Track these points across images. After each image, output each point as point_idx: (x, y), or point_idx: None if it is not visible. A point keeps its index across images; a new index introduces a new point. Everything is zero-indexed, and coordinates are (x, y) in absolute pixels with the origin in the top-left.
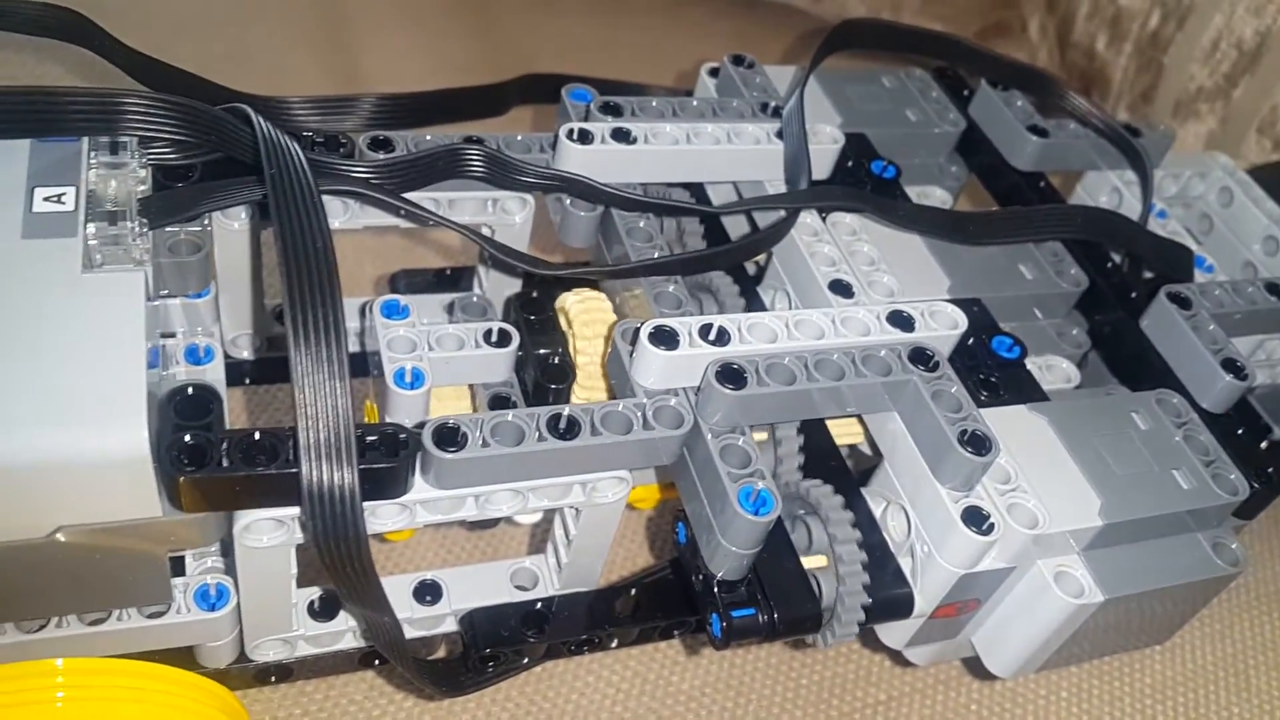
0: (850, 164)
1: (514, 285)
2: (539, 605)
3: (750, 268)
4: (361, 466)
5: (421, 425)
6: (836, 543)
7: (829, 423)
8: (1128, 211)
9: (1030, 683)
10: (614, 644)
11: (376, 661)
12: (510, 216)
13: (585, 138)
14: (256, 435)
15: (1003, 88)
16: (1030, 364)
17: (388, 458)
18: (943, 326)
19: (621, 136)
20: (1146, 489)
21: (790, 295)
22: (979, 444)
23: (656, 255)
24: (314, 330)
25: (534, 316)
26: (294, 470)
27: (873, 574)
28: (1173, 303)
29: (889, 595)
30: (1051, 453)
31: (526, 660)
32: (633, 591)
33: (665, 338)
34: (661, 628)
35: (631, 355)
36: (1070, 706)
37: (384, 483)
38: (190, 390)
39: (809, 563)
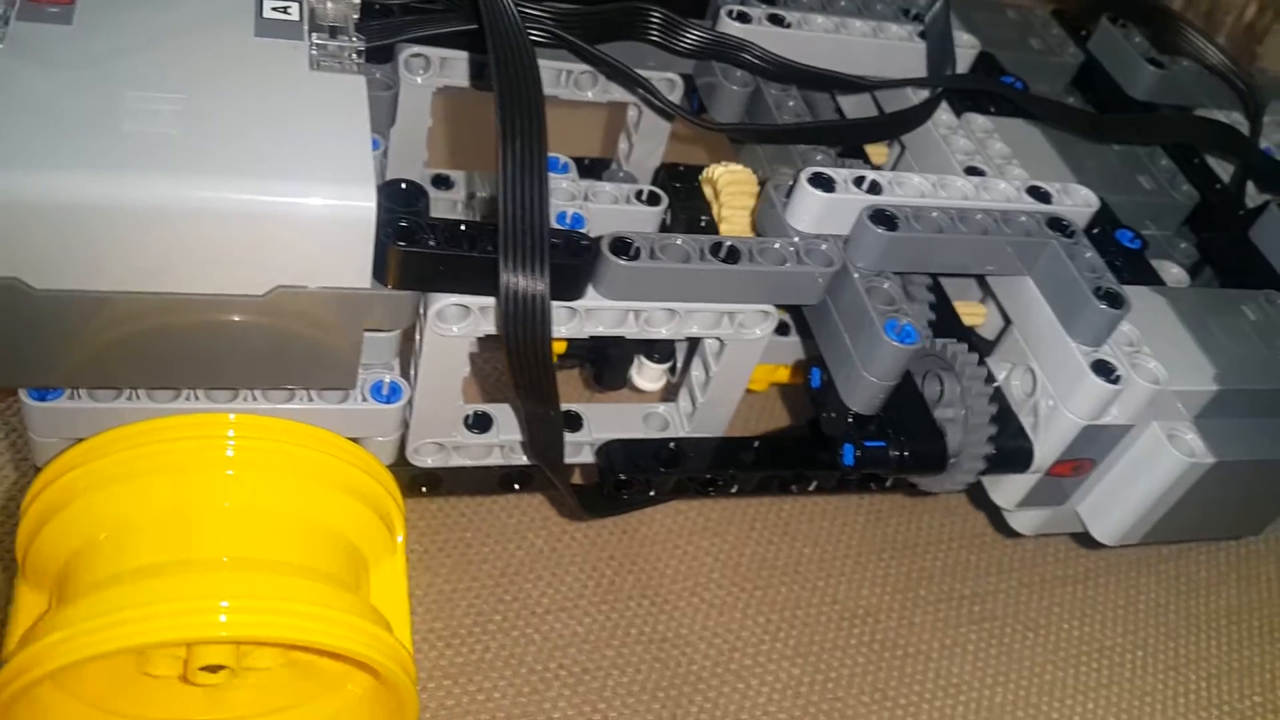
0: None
1: (648, 175)
2: (672, 444)
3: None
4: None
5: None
6: (967, 386)
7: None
8: None
9: (1111, 590)
10: (734, 490)
11: (515, 486)
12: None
13: (744, 18)
14: (462, 226)
15: (1121, 24)
16: None
17: (573, 256)
18: (1078, 203)
19: (776, 20)
20: (1257, 364)
21: None
22: (1114, 299)
23: None
24: (521, 131)
25: (680, 185)
26: (493, 256)
27: (1000, 427)
28: None
29: (1010, 446)
30: (1170, 327)
31: (654, 494)
32: (756, 444)
33: (823, 182)
34: (782, 478)
35: (786, 204)
36: (1148, 619)
37: (564, 281)
38: (403, 184)
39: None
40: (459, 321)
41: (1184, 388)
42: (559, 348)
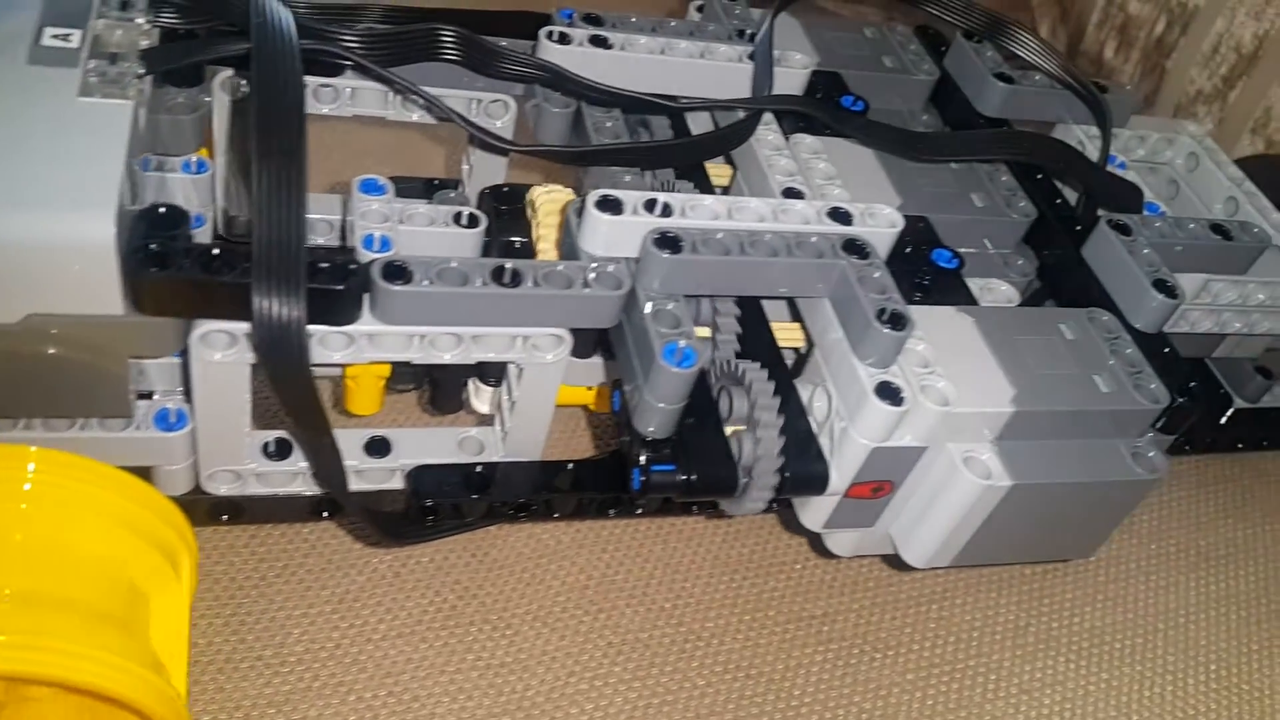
0: (820, 95)
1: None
2: (479, 468)
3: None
4: (309, 286)
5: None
6: (758, 410)
7: (774, 326)
8: None
9: (967, 610)
10: (555, 515)
11: (325, 513)
12: (492, 121)
13: (564, 39)
14: (216, 250)
15: (978, 40)
16: (972, 283)
17: (336, 281)
18: (880, 225)
19: (599, 43)
20: (1062, 385)
21: None
22: (896, 321)
23: None
24: (277, 152)
25: (504, 207)
26: (246, 281)
27: (794, 451)
28: (1113, 229)
29: (806, 470)
30: (973, 347)
31: (469, 520)
32: (570, 465)
33: (611, 205)
34: (599, 501)
35: (579, 224)
36: (1004, 640)
37: (332, 307)
38: (161, 209)
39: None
40: (224, 349)
41: (977, 409)
42: (384, 371)
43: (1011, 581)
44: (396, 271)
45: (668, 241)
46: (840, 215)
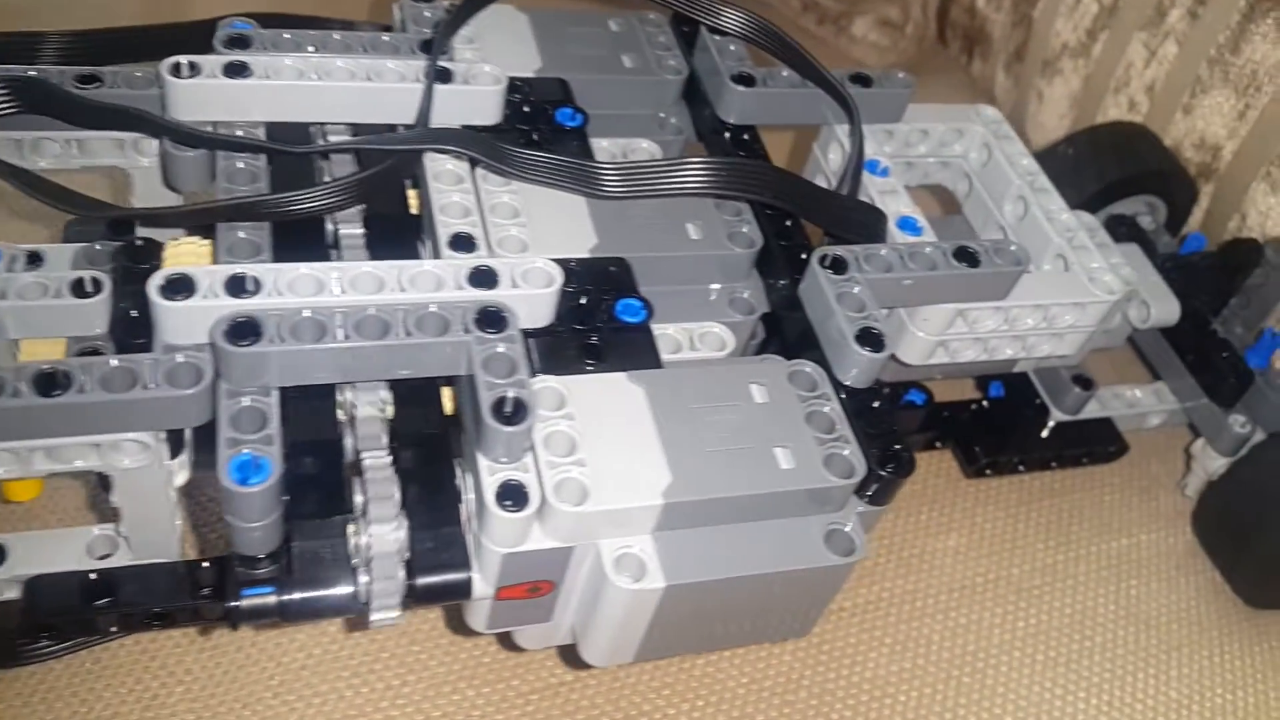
0: (527, 109)
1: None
2: (94, 575)
3: None
4: None
5: None
6: (372, 520)
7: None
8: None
9: (735, 666)
10: (205, 620)
11: None
12: (140, 159)
13: (194, 70)
14: None
15: (723, 33)
16: (682, 330)
17: None
18: (534, 285)
19: (235, 71)
20: (732, 467)
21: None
22: (515, 415)
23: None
24: None
25: (142, 266)
26: None
27: (434, 553)
28: (826, 266)
29: (444, 578)
30: (637, 425)
31: (103, 633)
32: (208, 564)
33: (180, 286)
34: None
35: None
36: (772, 697)
37: None
38: None
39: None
40: None
41: (620, 505)
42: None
43: None
44: None
45: (241, 330)
46: (482, 277)
